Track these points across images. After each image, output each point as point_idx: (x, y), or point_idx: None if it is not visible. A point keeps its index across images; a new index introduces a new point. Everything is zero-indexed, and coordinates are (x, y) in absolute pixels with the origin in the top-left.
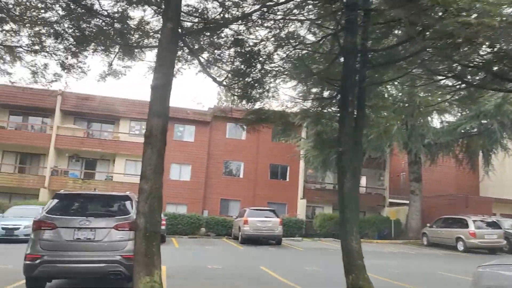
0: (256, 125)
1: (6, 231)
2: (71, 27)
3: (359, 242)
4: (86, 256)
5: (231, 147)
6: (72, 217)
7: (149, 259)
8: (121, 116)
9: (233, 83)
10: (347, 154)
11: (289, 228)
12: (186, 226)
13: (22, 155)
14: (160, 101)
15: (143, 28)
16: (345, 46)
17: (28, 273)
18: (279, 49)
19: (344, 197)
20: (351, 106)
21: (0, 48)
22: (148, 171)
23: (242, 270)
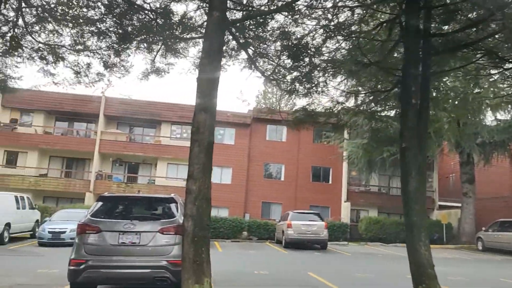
0: (304, 124)
1: (53, 234)
2: (114, 25)
3: (428, 248)
4: (131, 261)
5: (271, 149)
6: (116, 220)
7: (198, 266)
8: (162, 120)
9: (280, 78)
10: (411, 150)
11: (333, 232)
12: (228, 229)
13: (68, 160)
14: (207, 94)
15: (186, 22)
16: (407, 30)
17: (72, 278)
18: (329, 40)
19: (409, 198)
20: (414, 97)
21: (43, 48)
22: (195, 170)
23: (289, 275)
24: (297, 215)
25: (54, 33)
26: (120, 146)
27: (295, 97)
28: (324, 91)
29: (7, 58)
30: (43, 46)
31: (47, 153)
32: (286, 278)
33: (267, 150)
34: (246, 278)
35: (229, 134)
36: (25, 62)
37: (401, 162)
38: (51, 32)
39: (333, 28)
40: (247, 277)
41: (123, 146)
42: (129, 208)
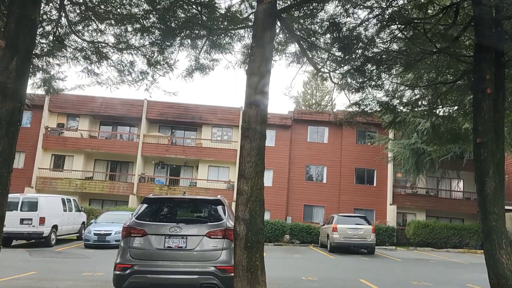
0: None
1: (98, 237)
2: (157, 21)
3: (510, 256)
4: (178, 267)
5: (313, 151)
6: (162, 223)
7: (252, 274)
8: (203, 123)
9: (331, 71)
10: (488, 145)
11: (379, 236)
12: (270, 233)
13: (112, 163)
14: (257, 88)
15: (232, 14)
16: (479, 12)
17: (118, 284)
18: (383, 30)
19: (487, 200)
20: (489, 86)
21: (86, 47)
22: (247, 169)
23: (340, 282)
24: (343, 219)
25: (97, 31)
26: (162, 149)
27: (347, 92)
28: (378, 85)
29: (50, 58)
30: (87, 45)
31: (92, 156)
32: (337, 285)
33: (309, 152)
34: (294, 284)
35: (270, 136)
36: (68, 62)
37: (476, 160)
38: (94, 31)
39: (388, 17)
40: (296, 284)
41: (165, 149)
42: (175, 210)
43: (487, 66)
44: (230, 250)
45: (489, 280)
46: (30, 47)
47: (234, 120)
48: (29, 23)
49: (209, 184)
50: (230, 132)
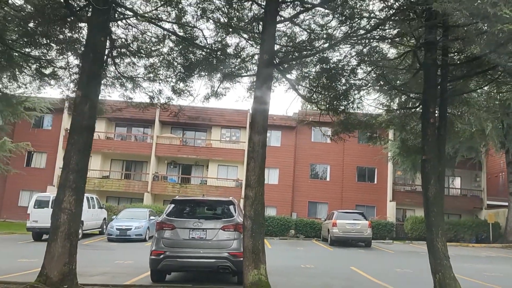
0: (342, 135)
1: (120, 231)
2: (180, 57)
3: (444, 243)
4: (200, 253)
5: (317, 150)
6: (187, 219)
7: (255, 255)
8: (212, 124)
9: (320, 97)
10: (431, 162)
11: (378, 230)
12: (276, 228)
13: (127, 162)
14: (260, 121)
15: (240, 54)
16: (425, 62)
17: (153, 266)
18: (362, 64)
19: (428, 202)
20: (432, 117)
21: (122, 77)
22: (252, 181)
23: (333, 270)
24: (342, 214)
25: (131, 64)
26: (174, 149)
27: (333, 113)
28: (359, 107)
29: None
30: (122, 76)
31: (108, 156)
32: (331, 271)
33: (313, 151)
34: (294, 271)
35: (276, 136)
36: (108, 88)
37: (422, 172)
38: (129, 64)
39: (365, 55)
40: (295, 270)
41: (177, 149)
42: (196, 209)
43: (431, 101)
44: (240, 240)
45: (429, 260)
46: (97, 93)
47: (242, 122)
48: (96, 77)
49: (218, 182)
50: (238, 133)
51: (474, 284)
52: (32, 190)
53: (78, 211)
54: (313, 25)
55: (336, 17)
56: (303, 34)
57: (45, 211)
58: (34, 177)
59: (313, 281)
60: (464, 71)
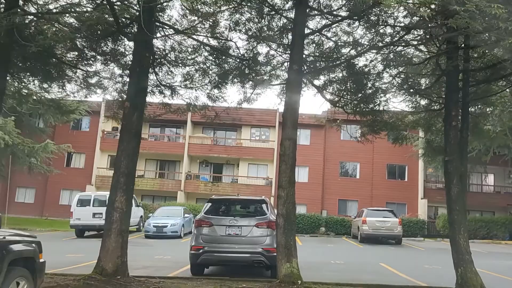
0: (369, 136)
1: (157, 228)
2: (214, 66)
3: (466, 239)
4: (235, 248)
5: (346, 148)
6: (223, 217)
7: (288, 250)
8: (242, 124)
9: (346, 101)
10: (453, 163)
11: (409, 228)
12: (306, 225)
13: (161, 162)
14: (290, 127)
15: (270, 62)
16: (447, 68)
17: (193, 260)
18: (387, 68)
19: (451, 200)
20: (454, 120)
21: (161, 85)
22: (284, 182)
23: (362, 265)
24: (372, 212)
25: (169, 73)
26: (206, 148)
27: (359, 116)
28: (385, 110)
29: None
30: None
31: (143, 156)
32: (360, 267)
33: (342, 149)
34: (324, 266)
35: (305, 135)
36: (149, 95)
37: (444, 172)
38: (166, 72)
39: (390, 59)
40: (325, 266)
41: (208, 149)
42: (231, 208)
43: (453, 105)
44: (272, 236)
45: (451, 255)
46: (143, 104)
47: (271, 121)
48: (142, 89)
49: (249, 181)
50: (268, 132)
51: (503, 280)
52: (72, 190)
53: (128, 210)
54: (340, 32)
55: (361, 25)
56: (330, 41)
57: (86, 209)
58: (73, 177)
59: (342, 275)
60: (488, 73)
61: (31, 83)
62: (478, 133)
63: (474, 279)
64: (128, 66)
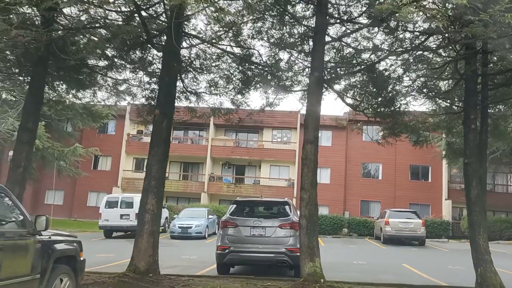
0: (390, 139)
1: (182, 229)
2: (237, 72)
3: (485, 240)
4: (260, 248)
5: (368, 149)
6: (247, 218)
7: (311, 250)
8: (264, 126)
9: (367, 105)
10: (472, 165)
11: (433, 229)
12: (328, 226)
13: (184, 164)
14: (311, 131)
15: (292, 68)
16: (465, 73)
17: (219, 259)
18: (407, 72)
19: (471, 202)
20: (473, 123)
21: (187, 92)
22: (306, 185)
23: (385, 266)
24: (394, 213)
25: (194, 79)
26: (228, 150)
27: (380, 119)
28: (406, 113)
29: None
30: (187, 90)
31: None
32: (382, 267)
33: (364, 150)
34: (346, 267)
35: (326, 136)
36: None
37: (464, 174)
38: (192, 79)
39: (410, 63)
40: (348, 266)
41: (230, 151)
42: (255, 209)
43: (472, 108)
44: (295, 237)
45: (471, 255)
46: (172, 111)
47: (293, 123)
48: (171, 97)
49: (271, 182)
50: (289, 134)
51: None
52: (99, 192)
53: (159, 211)
54: (360, 37)
55: (381, 30)
56: (350, 47)
57: (114, 211)
58: (100, 179)
59: (364, 275)
60: (508, 76)
61: (64, 91)
62: (499, 134)
63: (493, 278)
64: (155, 73)
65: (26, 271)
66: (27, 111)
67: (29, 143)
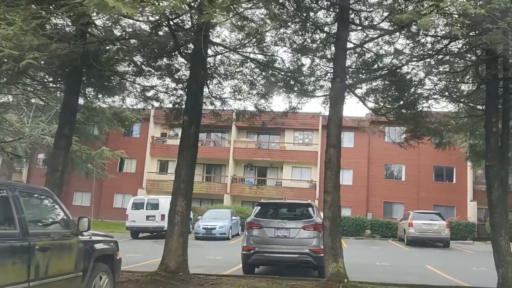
0: (412, 142)
1: (206, 230)
2: (261, 78)
3: (507, 241)
4: (284, 249)
5: (391, 150)
6: (272, 219)
7: (334, 250)
8: (286, 128)
9: (388, 108)
10: (494, 168)
11: (458, 231)
12: (351, 227)
13: (207, 166)
14: (334, 136)
15: (314, 73)
16: (486, 77)
17: (245, 260)
18: (429, 75)
19: (492, 204)
20: (495, 126)
21: (212, 97)
22: (329, 187)
23: (408, 268)
24: (418, 215)
25: (218, 85)
26: (250, 152)
27: (402, 122)
28: (428, 116)
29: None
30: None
31: None
32: (405, 269)
33: (387, 151)
34: (369, 268)
35: (348, 137)
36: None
37: (486, 177)
38: (216, 84)
39: (432, 66)
40: (371, 267)
41: (252, 153)
42: (279, 211)
43: (493, 111)
44: (319, 238)
45: (493, 257)
46: (199, 117)
47: (314, 124)
48: (198, 104)
49: (293, 184)
50: (311, 136)
51: None
52: (125, 193)
53: (188, 213)
54: (381, 42)
55: (403, 34)
56: (372, 52)
57: (140, 212)
58: (126, 181)
59: (387, 276)
60: None
61: (94, 97)
62: None
63: None
64: (181, 79)
65: (70, 268)
66: (63, 119)
67: (66, 148)
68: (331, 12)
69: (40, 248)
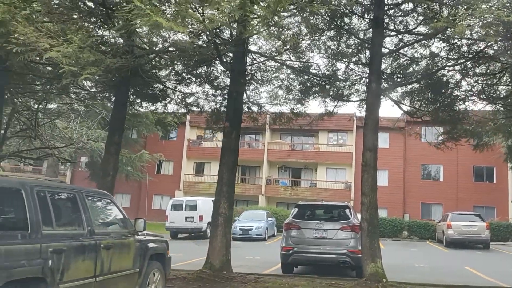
0: (449, 143)
1: (243, 231)
2: (297, 83)
3: None
4: (322, 249)
5: (428, 150)
6: (310, 221)
7: (372, 251)
8: (319, 129)
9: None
10: None
11: (499, 232)
12: (388, 229)
13: (242, 168)
14: (370, 139)
15: (349, 77)
16: None
17: (284, 260)
18: (466, 77)
19: None
20: None
21: (249, 102)
22: (366, 190)
23: (446, 269)
24: (457, 216)
25: (255, 90)
26: (284, 154)
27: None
28: (465, 117)
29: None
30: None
31: None
32: (444, 270)
33: (424, 151)
34: (407, 269)
35: (383, 138)
36: None
37: None
38: (253, 90)
39: (468, 69)
40: (409, 268)
41: (286, 154)
42: (316, 212)
43: None
44: (356, 239)
45: None
46: (240, 123)
47: (348, 125)
48: (239, 111)
49: (327, 185)
50: (345, 137)
51: None
52: (163, 195)
53: (230, 214)
54: (417, 45)
55: (438, 37)
56: (407, 56)
57: (179, 214)
58: (163, 183)
59: (425, 277)
60: None
61: (139, 105)
62: None
63: None
64: (220, 86)
65: (129, 265)
66: (113, 126)
67: (116, 154)
68: (365, 18)
69: (104, 246)
